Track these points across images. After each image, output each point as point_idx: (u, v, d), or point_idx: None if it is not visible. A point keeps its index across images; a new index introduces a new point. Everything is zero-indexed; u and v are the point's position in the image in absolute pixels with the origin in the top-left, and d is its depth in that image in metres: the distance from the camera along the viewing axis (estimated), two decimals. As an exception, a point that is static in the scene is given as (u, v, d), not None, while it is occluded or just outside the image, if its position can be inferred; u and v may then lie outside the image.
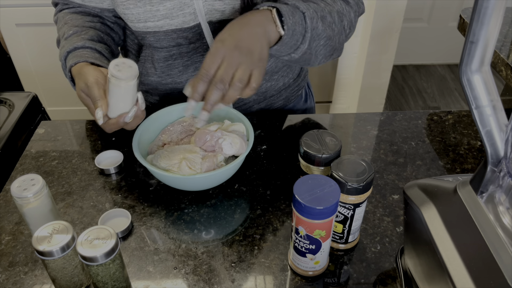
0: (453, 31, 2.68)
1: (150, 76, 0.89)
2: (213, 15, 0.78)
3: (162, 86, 0.90)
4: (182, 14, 0.77)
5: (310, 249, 0.58)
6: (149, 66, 0.88)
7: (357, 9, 0.82)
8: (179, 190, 0.77)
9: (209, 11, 0.78)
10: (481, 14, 0.38)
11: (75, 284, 0.60)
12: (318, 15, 0.73)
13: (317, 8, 0.74)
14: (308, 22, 0.71)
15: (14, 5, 1.80)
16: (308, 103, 1.06)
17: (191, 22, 0.79)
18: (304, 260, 0.60)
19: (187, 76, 0.87)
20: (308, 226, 0.55)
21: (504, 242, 0.41)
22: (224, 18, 0.79)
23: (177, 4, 0.76)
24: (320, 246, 0.58)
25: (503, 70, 1.08)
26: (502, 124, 0.42)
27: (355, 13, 0.81)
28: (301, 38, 0.71)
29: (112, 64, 0.65)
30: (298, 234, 0.57)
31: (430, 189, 0.52)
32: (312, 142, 0.64)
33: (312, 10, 0.73)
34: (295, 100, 1.01)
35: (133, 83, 0.66)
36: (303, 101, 1.05)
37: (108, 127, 0.70)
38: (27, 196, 0.62)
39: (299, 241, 0.58)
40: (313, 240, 0.57)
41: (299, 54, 0.73)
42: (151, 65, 0.88)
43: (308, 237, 0.57)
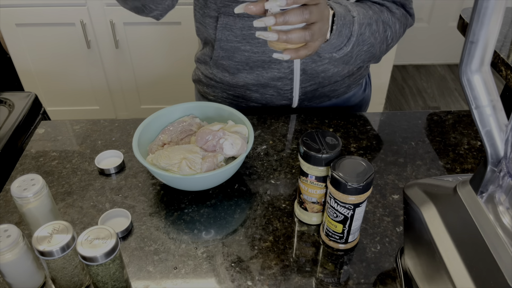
0: (453, 31, 2.68)
1: (230, 42, 0.88)
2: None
3: (239, 53, 0.89)
4: None
5: None
6: (228, 33, 0.87)
7: (404, 21, 0.84)
8: (179, 190, 0.77)
9: None
10: (481, 14, 0.38)
11: (75, 284, 0.60)
12: (366, 21, 0.75)
13: (366, 14, 0.76)
14: (356, 26, 0.73)
15: (14, 5, 1.80)
16: (366, 92, 1.08)
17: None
18: None
19: (265, 48, 0.86)
20: None
21: (504, 242, 0.41)
22: None
23: None
24: None
25: (503, 70, 1.08)
26: (502, 124, 0.42)
27: (400, 25, 0.83)
28: (346, 41, 0.73)
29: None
30: None
31: (430, 189, 0.52)
32: (312, 142, 0.64)
33: (362, 15, 0.74)
34: (355, 89, 1.03)
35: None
36: (362, 90, 1.06)
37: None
38: (27, 196, 0.62)
39: None
40: None
41: (340, 54, 0.75)
42: (230, 32, 0.86)
43: None
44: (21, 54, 1.94)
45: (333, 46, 0.72)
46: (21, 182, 0.64)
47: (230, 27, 0.86)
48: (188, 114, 0.85)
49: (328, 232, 0.66)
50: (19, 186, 0.63)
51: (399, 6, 0.84)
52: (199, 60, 1.01)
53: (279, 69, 0.89)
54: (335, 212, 0.63)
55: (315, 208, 0.69)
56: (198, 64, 1.03)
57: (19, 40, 1.89)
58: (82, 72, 2.01)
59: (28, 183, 0.64)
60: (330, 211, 0.63)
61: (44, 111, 1.22)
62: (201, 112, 0.85)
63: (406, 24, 0.85)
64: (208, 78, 1.00)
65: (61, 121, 0.95)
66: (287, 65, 0.89)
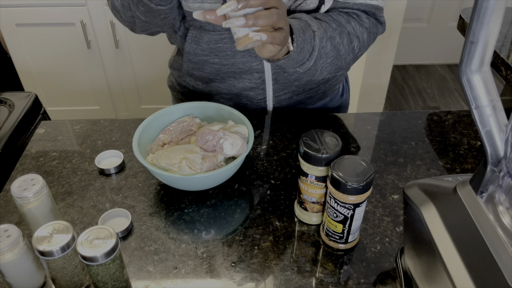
0: (453, 31, 2.68)
1: (198, 56, 0.88)
2: None
3: (209, 66, 0.89)
4: None
5: None
6: (195, 47, 0.87)
7: (374, 31, 0.84)
8: (179, 190, 0.77)
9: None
10: (481, 14, 0.38)
11: (75, 284, 0.60)
12: (327, 35, 0.75)
13: (328, 27, 0.76)
14: (317, 41, 0.73)
15: (14, 5, 1.80)
16: (344, 97, 1.07)
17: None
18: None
19: (233, 61, 0.86)
20: None
21: (504, 242, 0.41)
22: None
23: None
24: None
25: (502, 70, 1.08)
26: (502, 124, 0.42)
27: (369, 34, 0.83)
28: (308, 55, 0.74)
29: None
30: None
31: (430, 189, 0.52)
32: (312, 142, 0.64)
33: (323, 29, 0.74)
34: (332, 94, 1.02)
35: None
36: (340, 95, 1.06)
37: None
38: (27, 196, 0.62)
39: None
40: None
41: (304, 69, 0.76)
42: (197, 46, 0.87)
43: None
44: (21, 54, 1.94)
45: (296, 61, 0.73)
46: (21, 182, 0.64)
47: (198, 41, 0.86)
48: (188, 114, 0.85)
49: (328, 232, 0.66)
50: (19, 186, 0.63)
51: (369, 15, 0.83)
52: (172, 66, 1.01)
53: (250, 79, 0.89)
54: (335, 212, 0.63)
55: (315, 208, 0.69)
56: (172, 70, 1.03)
57: (19, 40, 1.89)
58: (82, 72, 2.01)
59: (28, 183, 0.64)
60: (330, 211, 0.63)
61: (44, 111, 1.22)
62: (201, 112, 0.85)
63: (376, 33, 0.85)
64: (182, 85, 1.00)
65: (61, 121, 0.95)
66: (258, 75, 0.88)
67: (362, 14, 0.82)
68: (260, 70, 0.87)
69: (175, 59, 0.99)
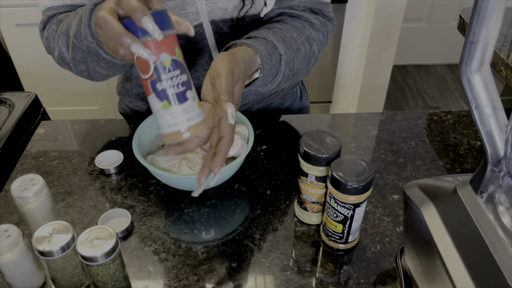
0: (453, 31, 2.68)
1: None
2: (215, 14, 0.78)
3: None
4: (184, 14, 0.76)
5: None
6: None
7: (325, 30, 0.83)
8: (179, 190, 0.77)
9: (212, 10, 0.77)
10: (481, 14, 0.38)
11: (75, 284, 0.60)
12: (293, 51, 0.74)
13: (292, 42, 0.75)
14: (283, 66, 0.73)
15: (14, 5, 1.80)
16: (303, 100, 1.07)
17: (193, 22, 0.78)
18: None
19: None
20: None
21: (504, 242, 0.41)
22: (226, 16, 0.78)
23: (179, 4, 0.75)
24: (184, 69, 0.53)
25: (503, 70, 1.08)
26: (502, 124, 0.42)
27: (323, 35, 0.82)
28: (272, 79, 0.73)
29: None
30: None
31: (430, 189, 0.52)
32: (312, 142, 0.64)
33: (289, 51, 0.73)
34: (291, 98, 1.02)
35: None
36: (299, 99, 1.05)
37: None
38: (27, 196, 0.62)
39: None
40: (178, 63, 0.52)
41: (265, 89, 0.75)
42: None
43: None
44: (21, 54, 1.94)
45: (258, 85, 0.72)
46: (21, 182, 0.64)
47: None
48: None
49: (328, 232, 0.66)
50: (19, 186, 0.63)
51: (317, 13, 0.82)
52: (121, 92, 0.98)
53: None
54: (335, 212, 0.63)
55: (315, 208, 0.69)
56: (121, 96, 0.99)
57: (19, 40, 1.89)
58: (82, 72, 2.01)
59: (28, 183, 0.64)
60: (330, 211, 0.63)
61: (44, 111, 1.22)
62: (201, 112, 0.85)
63: (327, 32, 0.84)
64: (135, 111, 0.98)
65: (61, 121, 0.95)
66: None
67: (310, 15, 0.81)
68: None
69: (123, 85, 0.96)
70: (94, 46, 0.66)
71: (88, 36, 0.65)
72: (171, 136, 0.53)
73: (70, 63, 0.74)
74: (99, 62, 0.69)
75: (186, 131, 0.53)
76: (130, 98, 0.96)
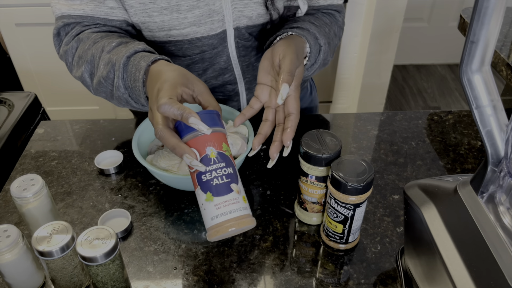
0: (453, 31, 2.68)
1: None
2: (240, 21, 0.78)
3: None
4: (210, 21, 0.76)
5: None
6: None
7: (343, 27, 0.89)
8: (179, 190, 0.77)
9: (238, 18, 0.77)
10: (481, 14, 0.38)
11: (75, 284, 0.60)
12: (328, 45, 0.78)
13: (328, 35, 0.79)
14: (321, 55, 0.76)
15: (14, 5, 1.80)
16: (313, 96, 1.09)
17: (218, 29, 0.78)
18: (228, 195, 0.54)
19: (205, 78, 0.86)
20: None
21: (504, 242, 0.41)
22: (251, 23, 0.79)
23: (206, 12, 0.74)
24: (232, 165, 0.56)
25: (503, 70, 1.08)
26: (502, 124, 0.42)
27: (342, 31, 0.88)
28: (310, 66, 0.76)
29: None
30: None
31: (430, 189, 0.52)
32: (312, 142, 0.64)
33: (327, 44, 0.77)
34: (302, 92, 1.03)
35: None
36: (309, 94, 1.07)
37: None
38: (26, 196, 0.62)
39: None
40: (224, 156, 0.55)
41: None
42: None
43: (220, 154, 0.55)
44: (21, 54, 1.94)
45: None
46: (21, 182, 0.64)
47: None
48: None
49: (328, 232, 0.66)
50: (18, 186, 0.63)
51: (339, 13, 0.87)
52: None
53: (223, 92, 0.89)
54: (335, 212, 0.63)
55: (315, 208, 0.68)
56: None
57: (19, 40, 1.89)
58: (82, 72, 2.01)
59: (27, 183, 0.63)
60: (330, 211, 0.63)
61: (44, 111, 1.22)
62: (201, 112, 0.85)
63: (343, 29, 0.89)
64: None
65: (60, 121, 0.95)
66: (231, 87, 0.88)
67: (335, 13, 0.86)
68: (233, 82, 0.87)
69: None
70: (126, 97, 0.69)
71: (121, 88, 0.68)
72: (214, 230, 0.53)
73: (90, 87, 0.76)
74: (122, 104, 0.72)
75: (229, 224, 0.52)
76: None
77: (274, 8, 0.78)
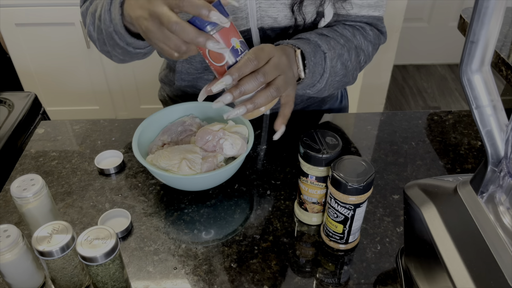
0: (453, 31, 2.68)
1: (191, 74, 0.88)
2: (265, 21, 0.77)
3: (202, 82, 0.89)
4: (234, 18, 0.76)
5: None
6: (188, 66, 0.86)
7: (377, 42, 0.84)
8: (179, 190, 0.77)
9: (262, 17, 0.77)
10: (481, 14, 0.38)
11: (75, 284, 0.60)
12: (337, 53, 0.75)
13: (336, 45, 0.75)
14: (328, 63, 0.73)
15: (14, 5, 1.80)
16: (342, 104, 1.06)
17: (241, 27, 0.77)
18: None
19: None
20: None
21: (504, 242, 0.41)
22: (276, 25, 0.78)
23: (229, 8, 0.74)
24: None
25: (503, 70, 1.08)
26: (502, 124, 0.42)
27: (373, 47, 0.83)
28: (319, 78, 0.73)
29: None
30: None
31: (430, 189, 0.52)
32: (312, 142, 0.64)
33: (333, 50, 0.74)
34: (330, 101, 1.02)
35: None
36: (339, 102, 1.05)
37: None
38: (26, 196, 0.62)
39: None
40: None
41: (314, 91, 0.75)
42: (190, 65, 0.86)
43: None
44: (21, 54, 1.94)
45: (307, 85, 0.73)
46: (21, 182, 0.64)
47: (190, 61, 0.85)
48: (188, 114, 0.85)
49: (328, 233, 0.66)
50: (18, 186, 0.63)
51: (372, 26, 0.83)
52: (163, 80, 0.99)
53: None
54: (335, 213, 0.63)
55: (315, 209, 0.68)
56: (162, 85, 1.01)
57: (19, 40, 1.89)
58: (82, 72, 2.01)
59: (27, 183, 0.63)
60: (331, 211, 0.63)
61: (44, 111, 1.22)
62: (201, 112, 0.85)
63: (379, 44, 0.86)
64: (174, 100, 0.99)
65: (61, 121, 0.95)
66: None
67: (365, 26, 0.81)
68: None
69: (165, 74, 0.97)
70: (110, 30, 0.67)
71: (107, 21, 0.66)
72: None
73: (96, 41, 0.76)
74: (115, 47, 0.71)
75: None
76: (171, 88, 0.97)
77: (300, 12, 0.76)
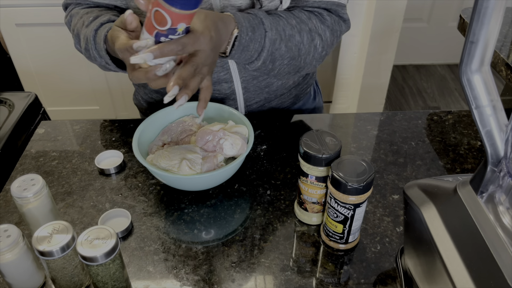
0: (453, 31, 2.68)
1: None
2: (228, 11, 0.76)
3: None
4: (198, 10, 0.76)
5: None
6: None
7: (337, 28, 0.82)
8: (179, 190, 0.77)
9: (225, 6, 0.77)
10: (481, 14, 0.38)
11: (75, 284, 0.60)
12: (285, 34, 0.74)
13: (286, 26, 0.75)
14: (267, 42, 0.72)
15: (14, 5, 1.80)
16: (316, 101, 1.07)
17: None
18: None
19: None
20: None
21: (504, 242, 0.41)
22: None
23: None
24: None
25: (503, 70, 1.08)
26: (502, 124, 0.42)
27: (331, 32, 0.81)
28: (257, 55, 0.73)
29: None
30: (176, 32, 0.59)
31: (430, 189, 0.52)
32: (312, 142, 0.64)
33: (278, 30, 0.73)
34: (304, 98, 1.02)
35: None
36: (312, 99, 1.05)
37: (136, 75, 0.63)
38: (27, 196, 0.62)
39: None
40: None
41: (252, 67, 0.75)
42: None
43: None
44: (21, 54, 1.94)
45: (242, 59, 0.73)
46: (21, 182, 0.64)
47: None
48: (188, 114, 0.85)
49: (328, 232, 0.66)
50: (19, 186, 0.63)
51: (332, 12, 0.81)
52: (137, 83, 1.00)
53: (219, 90, 0.88)
54: (335, 212, 0.63)
55: (315, 209, 0.69)
56: (136, 87, 1.01)
57: (19, 40, 1.89)
58: (82, 72, 2.01)
59: (28, 183, 0.64)
60: (331, 211, 0.63)
61: (44, 111, 1.22)
62: (201, 112, 0.85)
63: (340, 31, 0.83)
64: (150, 103, 0.99)
65: (61, 121, 0.95)
66: (227, 85, 0.87)
67: (323, 11, 0.80)
68: (229, 80, 0.86)
69: None
70: (104, 64, 0.77)
71: (97, 58, 0.76)
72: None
73: (84, 55, 0.82)
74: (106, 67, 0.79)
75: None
76: (146, 90, 0.97)
77: (258, 1, 0.76)
